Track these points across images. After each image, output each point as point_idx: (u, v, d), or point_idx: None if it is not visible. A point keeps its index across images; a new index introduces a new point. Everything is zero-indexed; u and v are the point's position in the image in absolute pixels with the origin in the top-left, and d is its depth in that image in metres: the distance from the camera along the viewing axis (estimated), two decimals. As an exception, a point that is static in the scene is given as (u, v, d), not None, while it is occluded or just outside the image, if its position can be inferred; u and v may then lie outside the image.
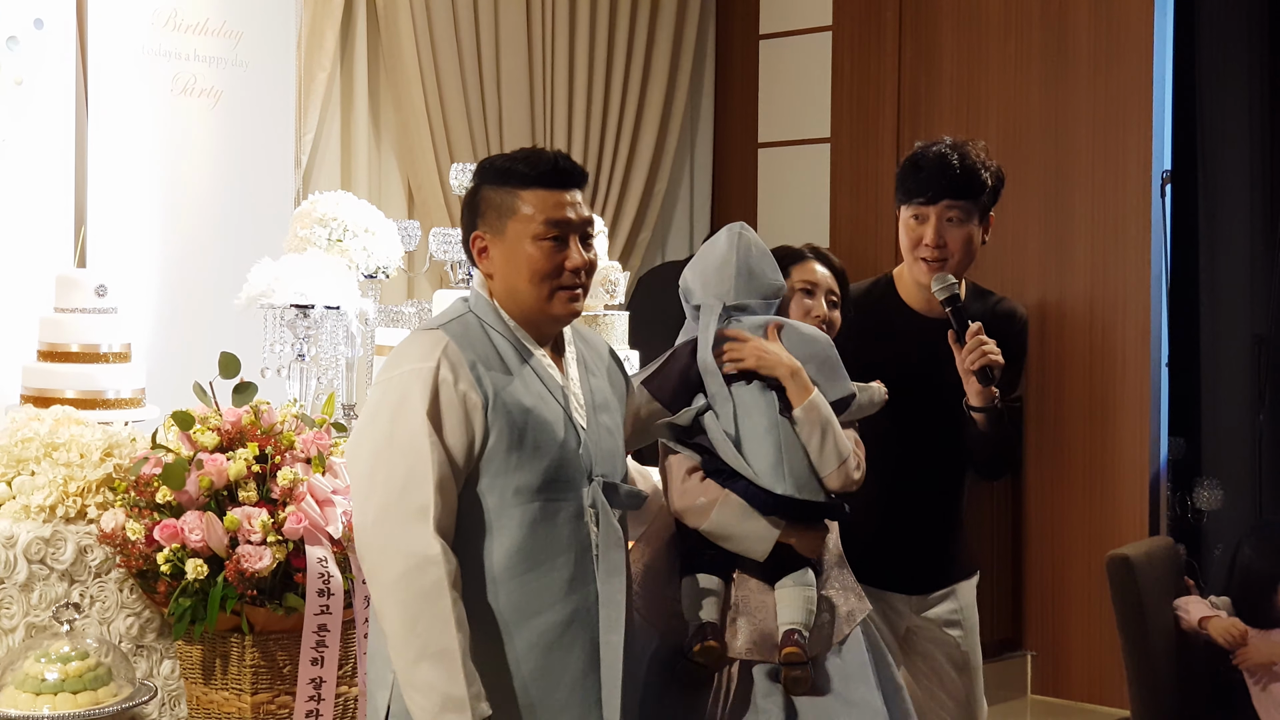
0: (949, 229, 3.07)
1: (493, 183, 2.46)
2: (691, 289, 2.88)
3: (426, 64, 5.74)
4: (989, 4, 6.03)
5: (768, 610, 2.70)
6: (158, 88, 4.79)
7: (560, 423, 2.42)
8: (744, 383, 2.74)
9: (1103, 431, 5.61)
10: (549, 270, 2.43)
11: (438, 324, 2.44)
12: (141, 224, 4.77)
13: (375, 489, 2.33)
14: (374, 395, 2.41)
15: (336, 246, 3.99)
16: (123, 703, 2.89)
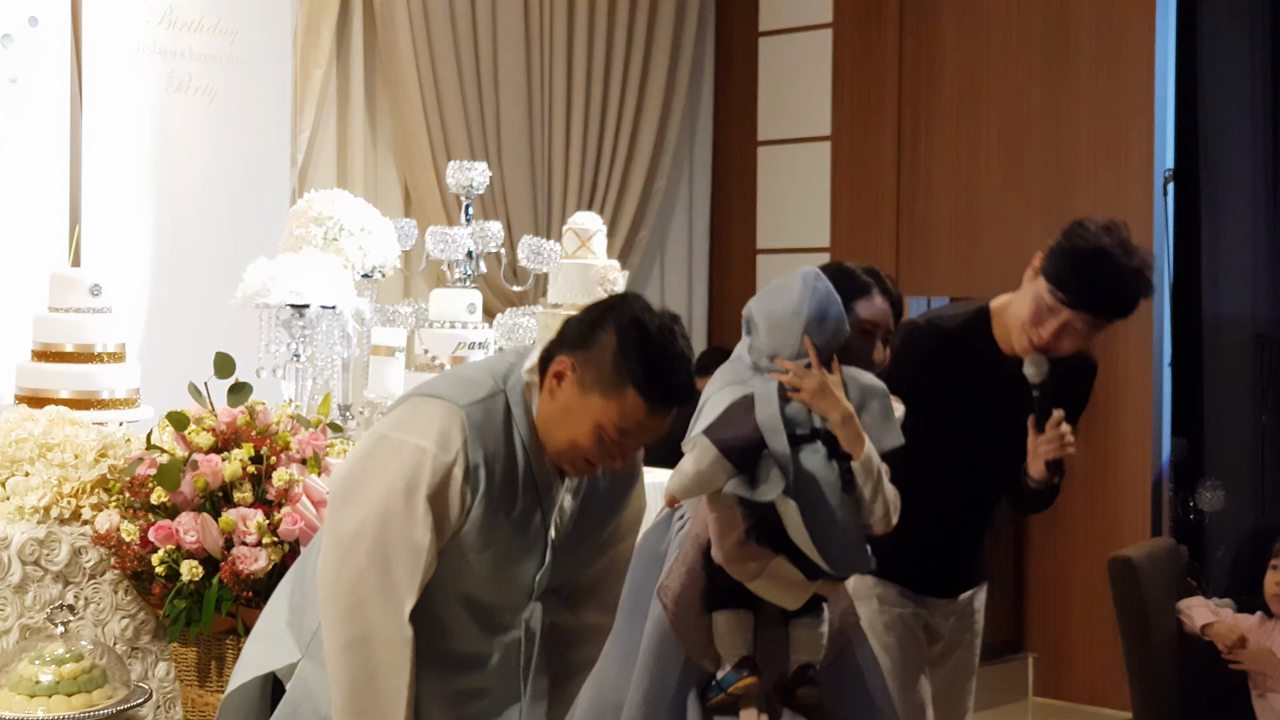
0: (1069, 334, 2.94)
1: (621, 348, 2.26)
2: (756, 326, 2.78)
3: (423, 61, 5.71)
4: (990, 1, 6.00)
5: (781, 643, 2.74)
6: (152, 86, 4.77)
7: (531, 543, 2.37)
8: (811, 448, 2.69)
9: (1105, 432, 5.58)
10: (587, 455, 2.32)
11: (464, 399, 2.30)
12: (136, 223, 4.75)
13: (358, 550, 2.25)
14: (379, 447, 2.30)
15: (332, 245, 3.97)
16: (117, 705, 2.86)
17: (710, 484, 2.67)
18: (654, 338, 2.27)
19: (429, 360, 3.84)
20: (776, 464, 2.65)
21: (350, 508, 2.28)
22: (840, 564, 2.68)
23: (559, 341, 2.32)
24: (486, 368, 2.39)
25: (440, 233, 4.21)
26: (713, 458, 2.64)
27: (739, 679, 2.68)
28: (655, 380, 2.26)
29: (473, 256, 4.15)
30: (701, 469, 2.64)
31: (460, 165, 4.27)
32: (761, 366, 2.75)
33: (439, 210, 5.67)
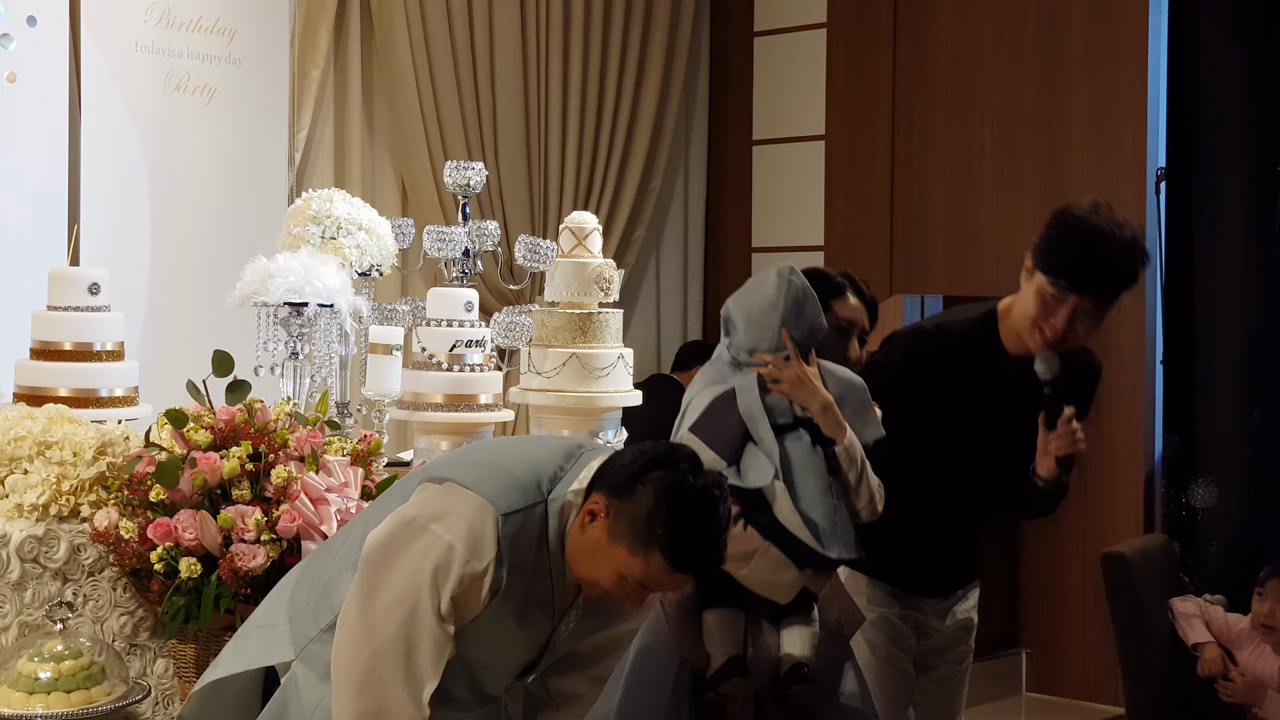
0: (1082, 323, 2.92)
1: (655, 509, 2.23)
2: (735, 325, 2.86)
3: (420, 61, 5.72)
4: (984, 1, 6.02)
5: (772, 641, 2.78)
6: (151, 85, 4.79)
7: (532, 645, 2.40)
8: (794, 435, 2.76)
9: (1098, 429, 5.60)
10: (606, 591, 2.33)
11: (504, 505, 2.28)
12: (135, 222, 4.76)
13: (384, 631, 2.25)
14: (410, 535, 2.28)
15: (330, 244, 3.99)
16: (116, 702, 2.88)
17: None
18: (691, 505, 2.25)
19: (426, 358, 3.86)
20: (762, 452, 2.70)
21: (380, 591, 2.27)
22: (829, 543, 2.71)
23: (600, 477, 2.30)
24: (533, 466, 2.34)
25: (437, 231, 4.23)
26: (701, 451, 2.66)
27: (726, 678, 2.70)
28: (683, 551, 2.25)
29: (470, 255, 4.17)
30: None
31: (457, 164, 4.28)
32: (741, 361, 2.80)
33: (436, 209, 5.69)
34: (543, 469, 2.34)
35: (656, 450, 2.31)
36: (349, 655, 2.28)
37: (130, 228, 4.74)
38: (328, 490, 3.07)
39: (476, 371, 3.84)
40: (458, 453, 2.61)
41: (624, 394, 4.16)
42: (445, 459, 2.49)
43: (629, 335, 4.89)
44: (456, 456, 2.47)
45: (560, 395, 4.05)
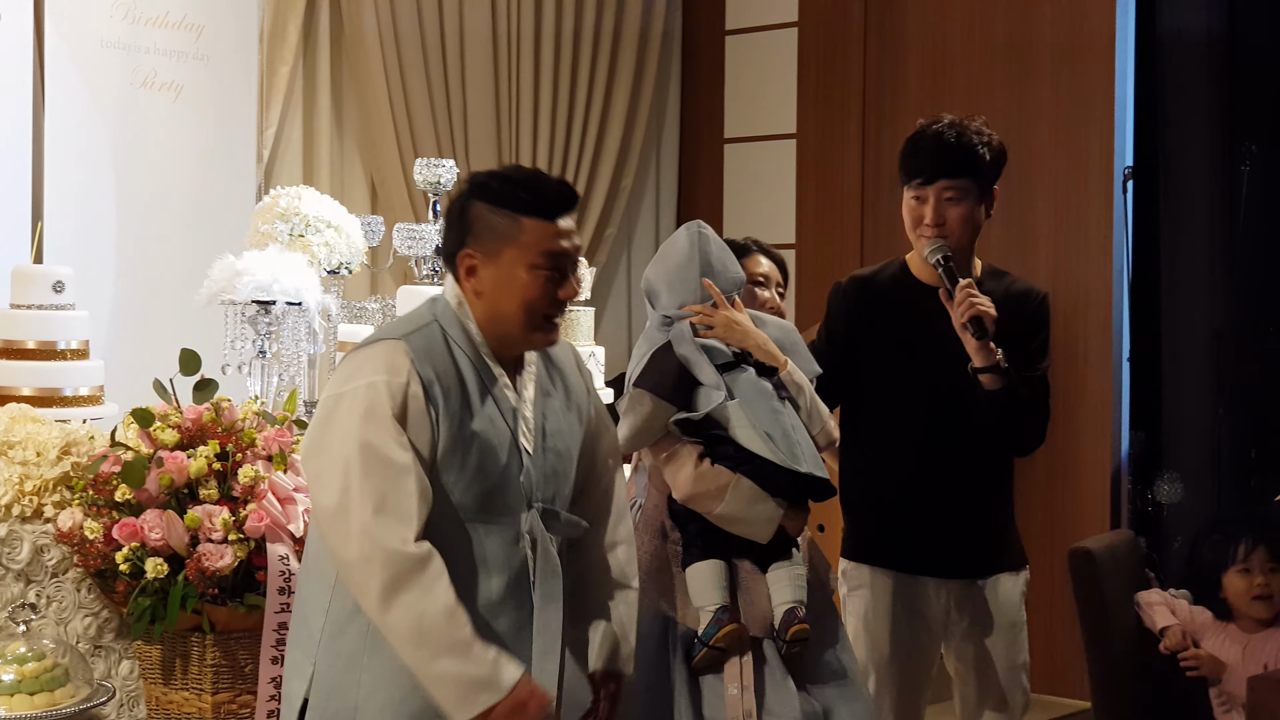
0: (948, 208, 3.13)
1: (490, 202, 2.40)
2: (657, 292, 2.96)
3: (390, 58, 5.71)
4: (953, 1, 6.05)
5: (762, 591, 2.80)
6: (117, 81, 4.76)
7: (505, 448, 2.40)
8: (738, 372, 2.85)
9: (1065, 425, 5.63)
10: (543, 301, 2.40)
11: (400, 333, 2.39)
12: (100, 219, 4.73)
13: (351, 504, 2.27)
14: (333, 406, 2.35)
15: (298, 242, 3.98)
16: (80, 704, 2.87)
17: (652, 427, 2.81)
18: (504, 174, 2.43)
19: (394, 357, 3.85)
20: (710, 386, 2.80)
21: (326, 477, 2.31)
22: (796, 458, 2.76)
23: (447, 254, 2.45)
24: (407, 314, 2.50)
25: (407, 229, 4.22)
26: (649, 400, 2.79)
27: (719, 628, 2.72)
28: (533, 195, 2.39)
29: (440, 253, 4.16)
30: (641, 415, 2.79)
31: (427, 162, 4.27)
32: (672, 316, 2.88)
33: (406, 207, 5.67)
34: (419, 309, 2.48)
35: (453, 196, 2.49)
36: (340, 550, 2.28)
37: (95, 225, 4.71)
38: (295, 490, 3.07)
39: (445, 370, 3.83)
40: None
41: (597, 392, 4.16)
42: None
43: (600, 333, 4.89)
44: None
45: (529, 393, 4.05)
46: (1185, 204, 5.81)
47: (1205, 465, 5.60)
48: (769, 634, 2.80)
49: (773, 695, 2.74)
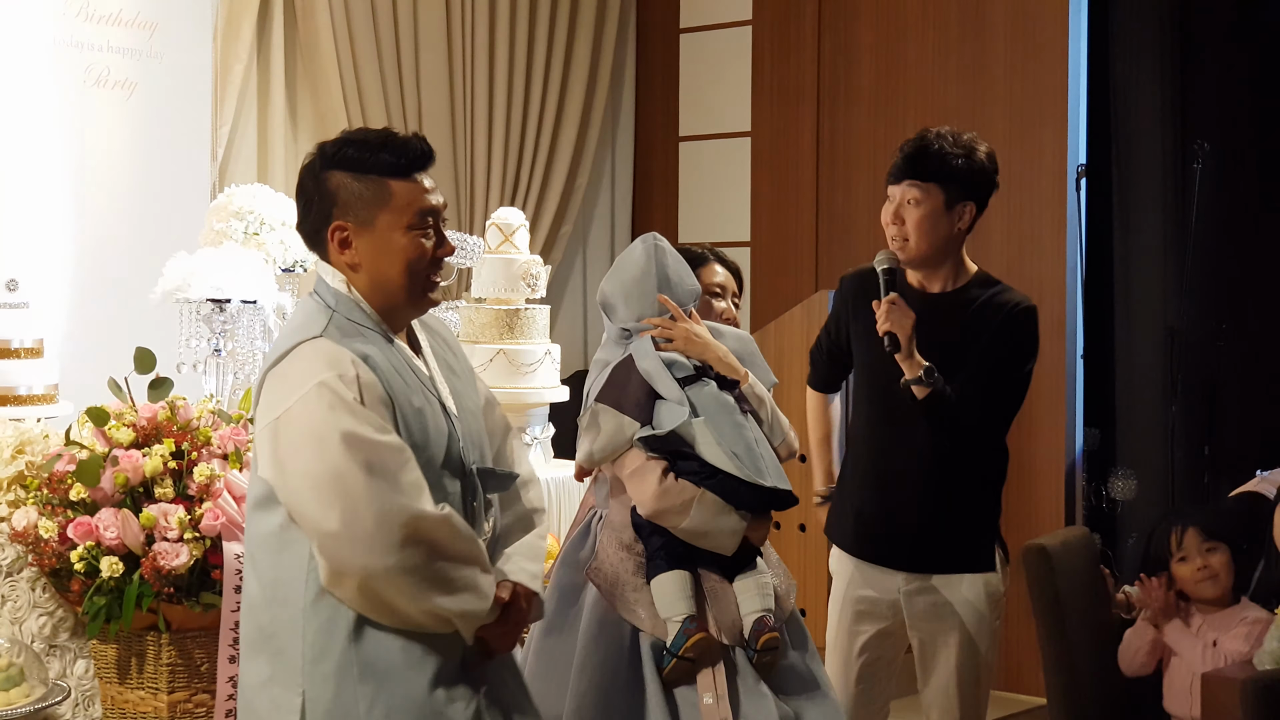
0: (908, 210, 3.19)
1: (352, 170, 2.33)
2: (614, 305, 2.97)
3: (344, 56, 5.68)
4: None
5: (730, 600, 2.80)
6: (70, 79, 4.71)
7: (438, 415, 2.38)
8: (698, 385, 2.85)
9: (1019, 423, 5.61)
10: (425, 260, 2.38)
11: (313, 333, 2.30)
12: (54, 218, 4.69)
13: (360, 506, 2.19)
14: (284, 426, 2.24)
15: (253, 240, 3.96)
16: (36, 703, 2.84)
17: (615, 444, 2.80)
18: (359, 139, 2.37)
19: (351, 355, 3.84)
20: (672, 402, 2.80)
21: (317, 500, 2.20)
22: (760, 473, 2.78)
23: (312, 231, 2.39)
24: (301, 315, 2.41)
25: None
26: (611, 417, 2.79)
27: (688, 638, 2.72)
28: (397, 156, 2.34)
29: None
30: (604, 432, 2.79)
31: (382, 160, 4.25)
32: (631, 329, 2.88)
33: (361, 205, 5.65)
34: (308, 306, 2.42)
35: (300, 174, 2.41)
36: (367, 555, 2.20)
37: (49, 224, 4.67)
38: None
39: (402, 368, 3.82)
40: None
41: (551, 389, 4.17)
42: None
43: (556, 331, 4.88)
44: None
45: (487, 391, 4.04)
46: (1138, 202, 5.87)
47: (1159, 462, 5.66)
48: (739, 642, 2.80)
49: (748, 703, 2.74)
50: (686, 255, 3.10)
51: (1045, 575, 4.00)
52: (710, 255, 3.26)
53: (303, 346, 2.28)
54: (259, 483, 2.29)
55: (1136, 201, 5.88)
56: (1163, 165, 5.82)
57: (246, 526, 2.35)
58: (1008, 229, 5.80)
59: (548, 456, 4.19)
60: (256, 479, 2.30)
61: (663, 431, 2.77)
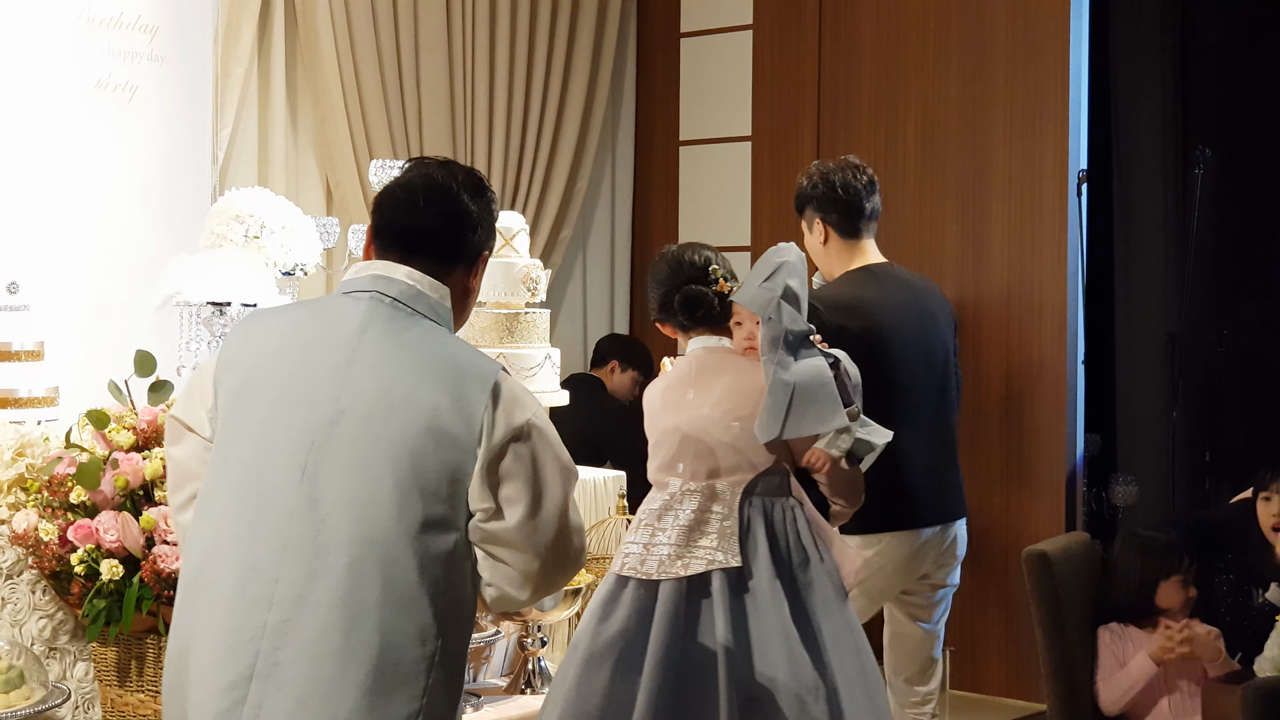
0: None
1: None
2: (782, 313, 3.13)
3: (345, 60, 5.68)
4: (908, 4, 6.08)
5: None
6: (71, 82, 4.71)
7: None
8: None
9: (1020, 428, 5.68)
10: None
11: (494, 366, 2.32)
12: (55, 221, 4.68)
13: (581, 531, 2.33)
14: (545, 427, 2.29)
15: (253, 243, 3.95)
16: (35, 706, 2.84)
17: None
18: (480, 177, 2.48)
19: (352, 358, 3.83)
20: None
21: (570, 515, 2.31)
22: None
23: (469, 249, 2.43)
24: (460, 343, 2.40)
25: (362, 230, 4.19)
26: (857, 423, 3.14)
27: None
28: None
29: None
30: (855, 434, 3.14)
31: (383, 164, 4.25)
32: (800, 340, 3.15)
33: (361, 208, 5.65)
34: (453, 341, 2.45)
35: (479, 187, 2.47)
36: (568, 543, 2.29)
37: (50, 227, 4.66)
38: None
39: (403, 371, 3.82)
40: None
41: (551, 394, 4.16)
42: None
43: (556, 335, 4.87)
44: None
45: (488, 395, 4.03)
46: (1139, 207, 5.87)
47: (1160, 468, 5.65)
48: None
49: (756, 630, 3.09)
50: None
51: (1046, 581, 4.00)
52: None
53: (512, 378, 2.32)
54: (437, 502, 2.21)
55: (1137, 207, 5.88)
56: (1164, 171, 5.82)
57: (403, 549, 2.18)
58: (1008, 235, 5.80)
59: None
60: (434, 498, 2.21)
61: (878, 441, 3.23)
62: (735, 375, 3.17)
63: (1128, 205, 5.88)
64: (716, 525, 3.06)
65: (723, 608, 2.99)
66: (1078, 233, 5.61)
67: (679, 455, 3.15)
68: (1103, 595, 4.11)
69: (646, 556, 3.08)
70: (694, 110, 6.79)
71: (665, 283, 3.25)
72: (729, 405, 3.13)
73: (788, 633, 2.99)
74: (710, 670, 2.95)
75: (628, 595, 3.07)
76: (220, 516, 2.20)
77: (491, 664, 3.84)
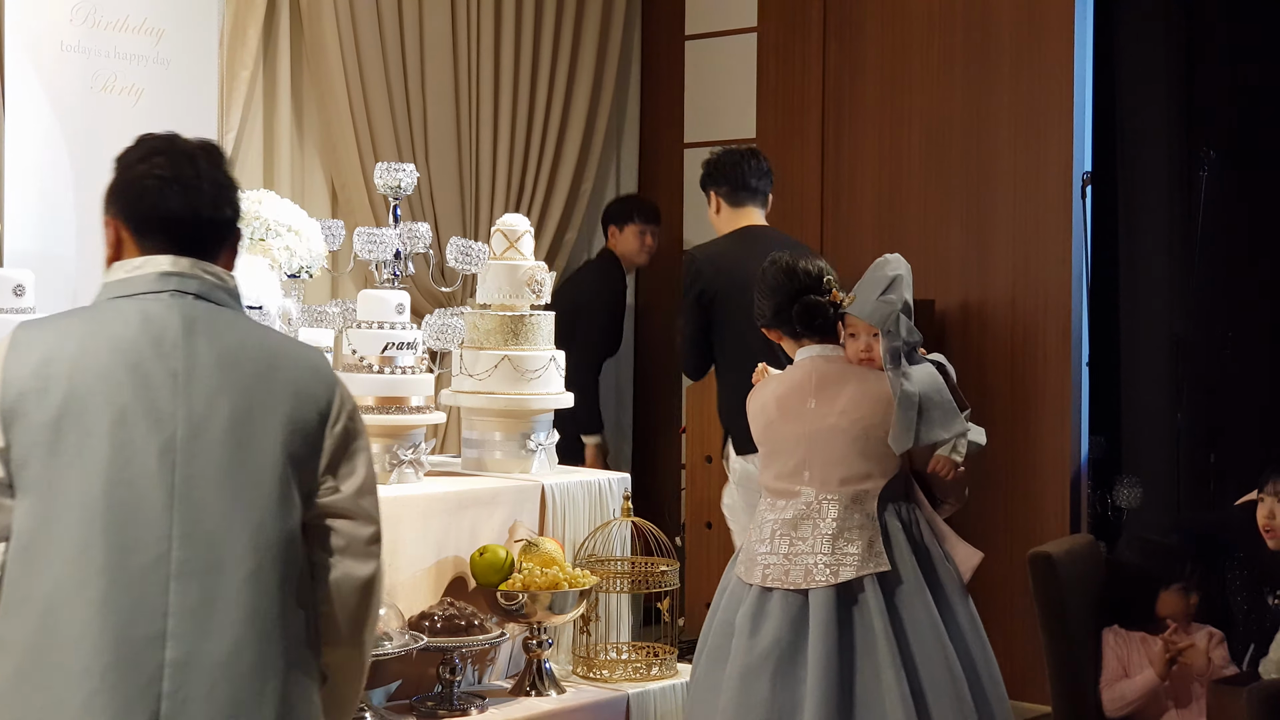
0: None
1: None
2: (900, 323, 3.30)
3: (350, 63, 5.69)
4: (913, 6, 6.08)
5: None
6: (77, 85, 4.72)
7: None
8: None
9: (1024, 430, 5.68)
10: None
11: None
12: (61, 223, 4.70)
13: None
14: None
15: (259, 246, 3.96)
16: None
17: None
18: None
19: (357, 360, 3.84)
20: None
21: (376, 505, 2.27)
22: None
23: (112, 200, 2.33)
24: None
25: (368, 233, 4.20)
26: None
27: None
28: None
29: (401, 257, 4.15)
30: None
31: (388, 166, 4.26)
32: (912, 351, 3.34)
33: (366, 211, 5.66)
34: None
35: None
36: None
37: (56, 229, 4.68)
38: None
39: (408, 374, 3.83)
40: None
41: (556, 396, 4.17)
42: None
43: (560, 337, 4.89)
44: None
45: (492, 398, 4.05)
46: (1144, 209, 5.86)
47: (1164, 470, 5.64)
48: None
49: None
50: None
51: (1050, 582, 4.01)
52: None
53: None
54: (301, 493, 2.22)
55: (1142, 208, 5.87)
56: (1169, 172, 5.81)
57: (292, 548, 2.16)
58: (1013, 236, 5.80)
59: (553, 463, 4.19)
60: (302, 489, 2.20)
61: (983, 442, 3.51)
62: (859, 384, 3.29)
63: (1132, 207, 5.87)
64: (860, 532, 3.21)
65: (878, 610, 3.16)
66: (1082, 234, 5.61)
67: (805, 463, 3.27)
68: (1106, 598, 4.11)
69: (790, 567, 3.21)
70: (698, 112, 6.79)
71: (779, 291, 3.38)
72: (856, 414, 3.26)
73: (938, 629, 3.21)
74: (875, 670, 3.11)
75: (775, 606, 3.21)
76: (66, 564, 2.00)
77: (496, 665, 3.85)
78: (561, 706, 3.66)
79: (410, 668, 3.58)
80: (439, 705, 3.56)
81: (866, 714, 3.12)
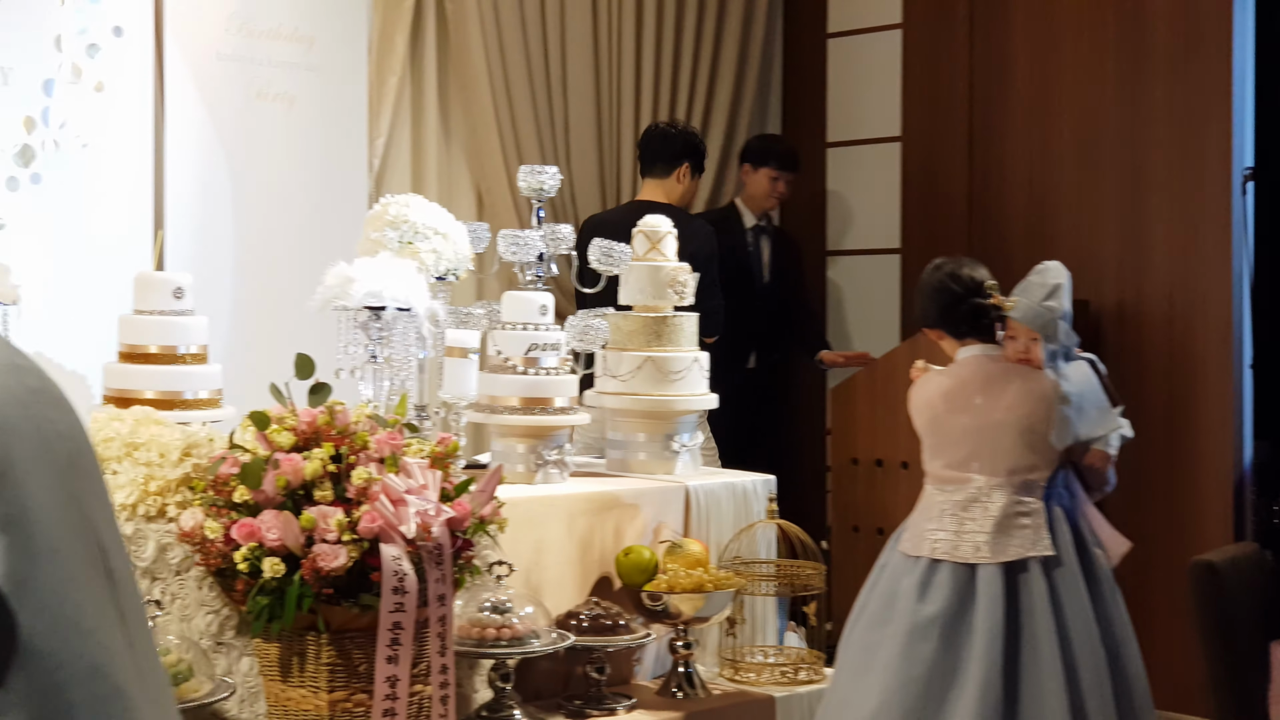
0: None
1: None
2: (1060, 327, 3.59)
3: (495, 67, 5.75)
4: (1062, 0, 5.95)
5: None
6: (232, 92, 4.84)
7: None
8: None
9: (1184, 434, 5.51)
10: None
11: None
12: (218, 228, 4.82)
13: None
14: None
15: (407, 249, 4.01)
16: (204, 699, 2.91)
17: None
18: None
19: (502, 361, 3.87)
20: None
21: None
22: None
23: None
24: None
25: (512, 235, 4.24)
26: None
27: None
28: None
29: (544, 259, 4.17)
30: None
31: (531, 169, 4.29)
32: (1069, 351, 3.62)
33: (510, 213, 5.71)
34: None
35: None
36: None
37: (213, 233, 4.80)
38: (407, 492, 3.08)
39: (552, 375, 3.85)
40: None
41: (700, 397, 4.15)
42: None
43: (704, 339, 4.89)
44: None
45: (636, 399, 4.05)
46: (1308, 205, 5.66)
47: (1331, 474, 5.45)
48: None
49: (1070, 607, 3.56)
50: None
51: (1212, 592, 3.88)
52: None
53: None
54: None
55: (1306, 205, 5.67)
56: (1335, 167, 5.61)
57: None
58: (1170, 235, 5.64)
59: (697, 464, 4.17)
60: None
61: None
62: (1023, 383, 3.57)
63: (1296, 203, 5.67)
64: (1027, 517, 3.50)
65: (1042, 591, 3.43)
66: (1243, 233, 5.43)
67: (974, 455, 3.56)
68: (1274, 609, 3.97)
69: (959, 543, 3.50)
70: (842, 111, 6.73)
71: (945, 294, 3.68)
72: (1022, 411, 3.54)
73: (1088, 613, 3.48)
74: (1038, 643, 3.39)
75: (944, 577, 3.48)
76: None
77: (643, 666, 3.85)
78: (707, 708, 3.65)
79: (557, 665, 3.59)
80: (586, 704, 3.57)
81: (1028, 686, 3.39)
